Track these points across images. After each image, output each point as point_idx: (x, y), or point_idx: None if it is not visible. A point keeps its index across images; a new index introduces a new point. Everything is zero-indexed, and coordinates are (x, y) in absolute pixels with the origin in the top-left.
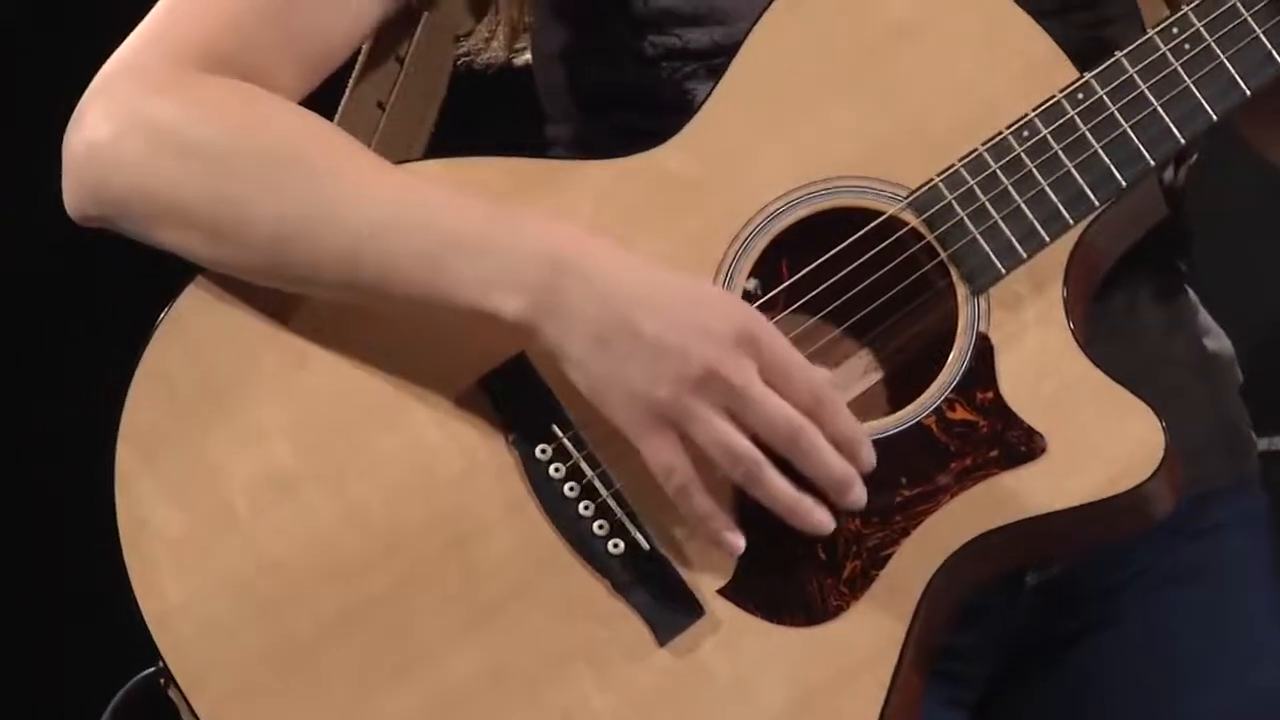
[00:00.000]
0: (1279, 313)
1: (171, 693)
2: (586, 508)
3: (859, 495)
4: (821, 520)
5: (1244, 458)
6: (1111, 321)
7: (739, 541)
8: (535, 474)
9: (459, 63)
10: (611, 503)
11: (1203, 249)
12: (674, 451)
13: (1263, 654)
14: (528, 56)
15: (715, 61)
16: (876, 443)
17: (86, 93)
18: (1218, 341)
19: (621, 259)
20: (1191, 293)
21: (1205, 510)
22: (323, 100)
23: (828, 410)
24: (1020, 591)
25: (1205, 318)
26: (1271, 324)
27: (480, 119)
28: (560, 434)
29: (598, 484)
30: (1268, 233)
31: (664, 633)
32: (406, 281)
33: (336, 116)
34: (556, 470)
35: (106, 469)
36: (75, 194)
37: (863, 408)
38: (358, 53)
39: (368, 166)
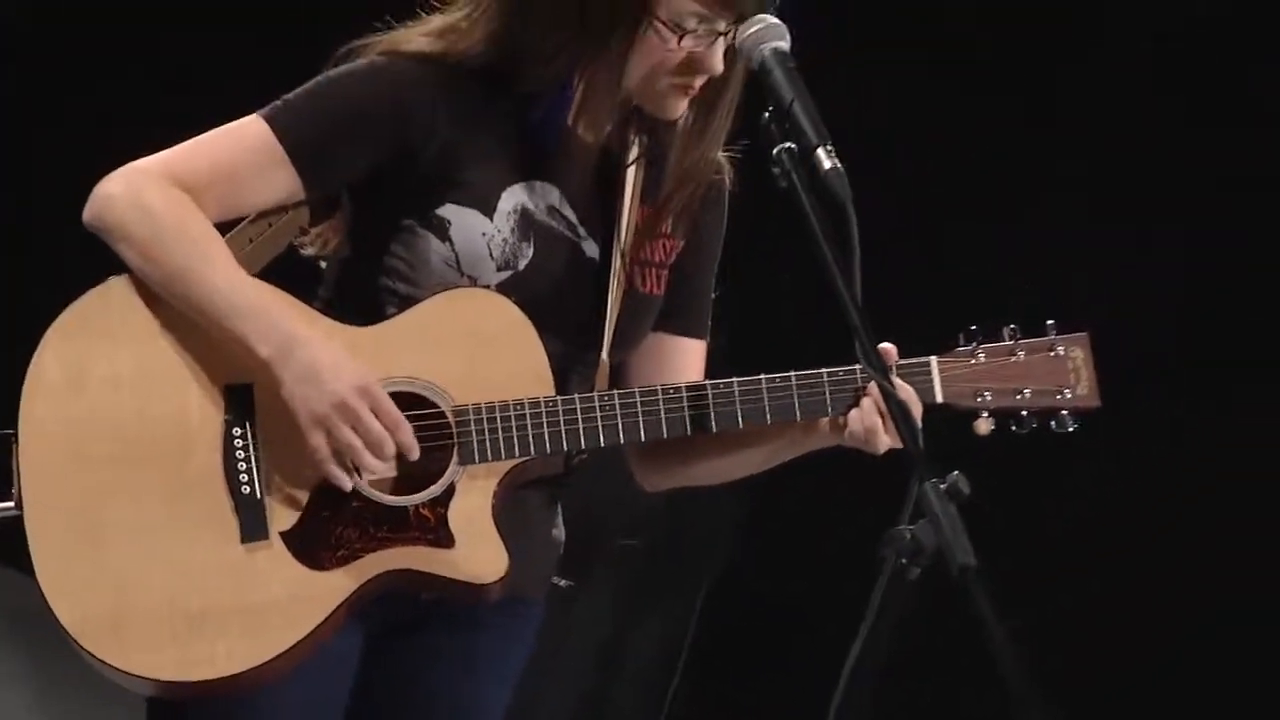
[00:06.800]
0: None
1: (13, 460)
2: (244, 464)
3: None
4: (385, 471)
5: (544, 587)
6: (519, 504)
7: (348, 482)
8: (228, 437)
9: (294, 244)
10: (255, 467)
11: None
12: (321, 440)
13: None
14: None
15: (406, 304)
16: (381, 507)
17: (124, 168)
18: (559, 530)
19: (322, 344)
20: (559, 501)
21: (516, 607)
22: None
23: (401, 434)
24: (418, 599)
25: (559, 514)
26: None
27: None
28: (248, 426)
29: (253, 455)
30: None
31: (245, 536)
32: (222, 317)
33: (229, 235)
34: (240, 440)
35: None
36: (90, 212)
37: (384, 486)
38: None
39: (228, 261)
